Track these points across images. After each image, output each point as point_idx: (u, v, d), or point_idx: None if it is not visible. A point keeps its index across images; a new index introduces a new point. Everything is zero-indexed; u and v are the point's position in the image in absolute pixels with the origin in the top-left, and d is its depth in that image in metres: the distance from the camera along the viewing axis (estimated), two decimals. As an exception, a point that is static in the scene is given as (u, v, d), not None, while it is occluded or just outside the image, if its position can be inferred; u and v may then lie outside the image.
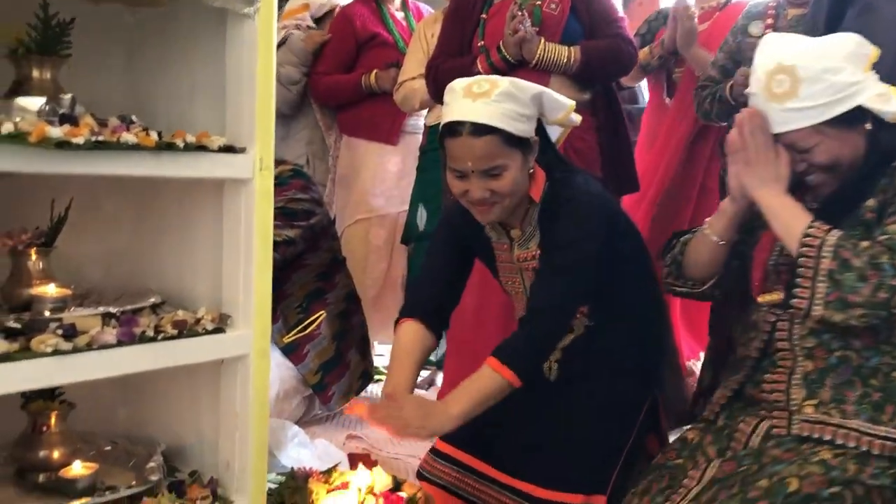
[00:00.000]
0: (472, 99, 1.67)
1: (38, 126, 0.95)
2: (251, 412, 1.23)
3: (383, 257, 3.05)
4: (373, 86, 2.94)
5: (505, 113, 1.65)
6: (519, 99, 1.68)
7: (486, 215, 1.78)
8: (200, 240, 1.31)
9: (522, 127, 1.70)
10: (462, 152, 1.69)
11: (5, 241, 1.17)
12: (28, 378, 0.99)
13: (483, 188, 1.71)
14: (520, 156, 1.72)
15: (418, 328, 1.86)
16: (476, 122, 1.66)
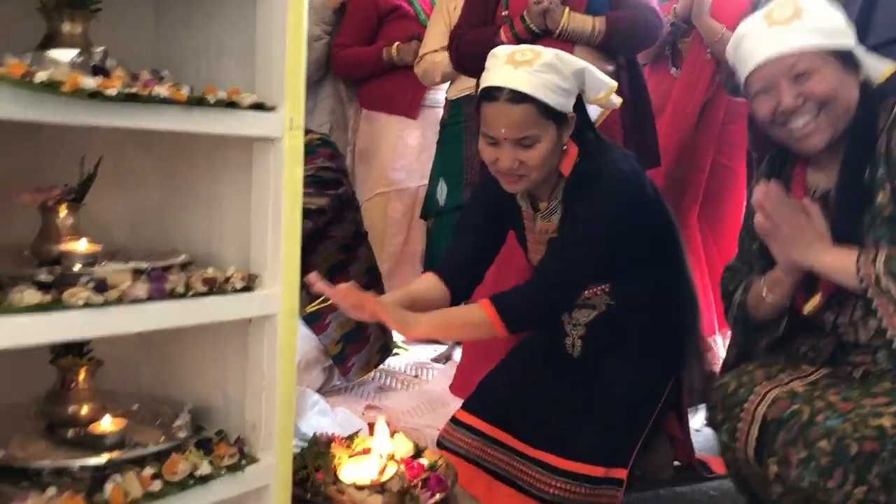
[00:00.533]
0: (514, 66, 1.67)
1: (71, 76, 0.94)
2: (279, 372, 1.23)
3: (400, 231, 3.05)
4: (394, 59, 2.92)
5: (545, 84, 1.64)
6: (561, 72, 1.67)
7: (513, 186, 1.77)
8: (228, 200, 1.30)
9: (560, 101, 1.68)
10: (497, 119, 1.68)
11: (35, 196, 1.17)
12: (60, 330, 0.99)
13: (513, 158, 1.70)
14: (554, 130, 1.71)
15: (432, 278, 1.87)
16: (515, 89, 1.65)
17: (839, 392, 1.42)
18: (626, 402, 1.91)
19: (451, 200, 2.70)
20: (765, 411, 1.46)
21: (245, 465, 1.21)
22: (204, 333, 1.32)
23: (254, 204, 1.25)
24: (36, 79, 0.92)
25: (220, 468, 1.18)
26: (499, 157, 1.71)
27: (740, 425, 1.51)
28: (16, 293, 0.98)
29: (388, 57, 2.93)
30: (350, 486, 1.54)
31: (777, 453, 1.39)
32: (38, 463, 1.11)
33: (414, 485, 1.56)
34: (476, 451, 1.98)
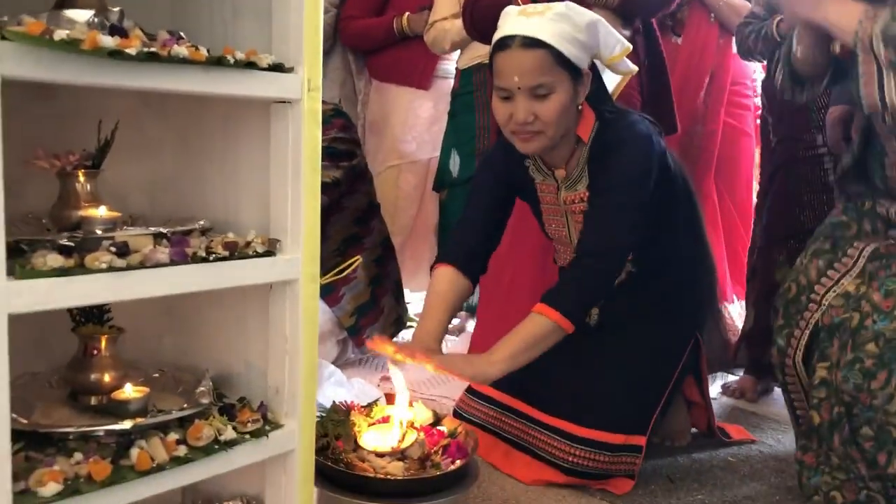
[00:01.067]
0: (527, 17, 1.65)
1: (90, 34, 0.92)
2: (301, 337, 1.22)
3: (412, 203, 3.03)
4: (405, 29, 2.89)
5: (558, 32, 1.62)
6: (574, 21, 1.65)
7: (527, 144, 1.73)
8: (246, 165, 1.29)
9: (574, 52, 1.65)
10: (510, 66, 1.66)
11: (53, 162, 1.16)
12: (84, 294, 0.98)
13: (528, 110, 1.67)
14: (569, 82, 1.68)
15: (453, 274, 1.85)
16: (527, 34, 1.63)
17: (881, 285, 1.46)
18: (644, 370, 1.91)
19: (464, 171, 2.68)
20: (818, 318, 1.50)
21: (269, 430, 1.20)
22: (224, 300, 1.31)
23: (272, 168, 1.23)
24: (55, 36, 0.90)
25: (244, 433, 1.18)
26: (513, 111, 1.68)
27: (797, 332, 1.54)
28: (38, 257, 0.97)
29: (398, 27, 2.90)
30: (370, 454, 1.54)
31: (828, 358, 1.44)
32: (63, 429, 1.10)
33: (434, 451, 1.56)
34: (493, 420, 1.98)
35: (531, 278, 2.37)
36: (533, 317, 1.69)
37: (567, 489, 1.80)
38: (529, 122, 1.68)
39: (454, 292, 1.85)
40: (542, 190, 1.92)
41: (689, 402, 2.14)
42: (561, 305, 1.66)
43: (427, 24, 2.81)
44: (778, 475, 1.92)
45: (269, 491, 1.28)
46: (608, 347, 1.93)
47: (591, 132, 1.78)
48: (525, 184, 1.93)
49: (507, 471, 1.87)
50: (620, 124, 1.77)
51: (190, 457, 1.11)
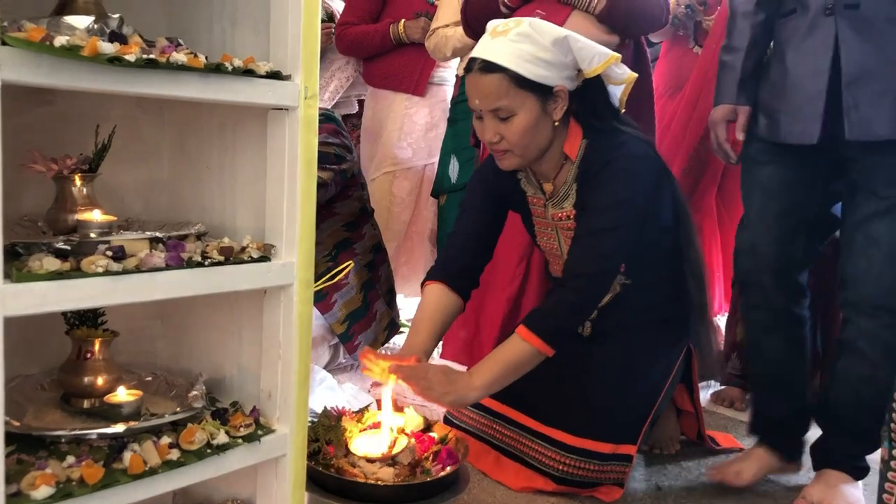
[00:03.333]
0: (492, 37, 1.66)
1: (90, 41, 0.93)
2: (295, 342, 1.23)
3: (406, 209, 3.03)
4: (401, 36, 2.90)
5: (518, 54, 1.61)
6: (536, 41, 1.63)
7: (502, 162, 1.75)
8: (242, 170, 1.30)
9: (539, 72, 1.63)
10: (472, 90, 1.68)
11: (50, 165, 1.16)
12: (80, 297, 0.99)
13: (494, 130, 1.68)
14: (534, 102, 1.66)
15: (443, 291, 1.85)
16: (485, 58, 1.63)
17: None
18: (635, 380, 1.92)
19: (462, 177, 2.69)
20: None
21: (261, 435, 1.21)
22: (218, 305, 1.32)
23: (269, 174, 1.24)
24: (56, 42, 0.91)
25: (236, 438, 1.18)
26: (483, 129, 1.70)
27: None
28: (35, 260, 0.98)
29: (395, 34, 2.91)
30: (361, 459, 1.55)
31: None
32: (55, 432, 1.11)
33: (425, 457, 1.57)
34: (484, 427, 1.98)
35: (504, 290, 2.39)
36: (515, 340, 1.68)
37: (556, 497, 1.81)
38: (496, 142, 1.69)
39: (443, 310, 1.84)
40: (533, 203, 1.92)
41: (679, 411, 2.15)
42: (543, 332, 1.65)
43: (423, 30, 2.82)
44: (767, 483, 1.93)
45: (260, 495, 1.29)
46: (600, 357, 1.94)
47: (578, 150, 1.77)
48: (516, 195, 1.94)
49: (497, 478, 1.88)
50: (611, 143, 1.75)
51: (182, 460, 1.11)
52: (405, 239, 3.07)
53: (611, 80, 1.79)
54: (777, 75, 1.72)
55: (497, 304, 2.41)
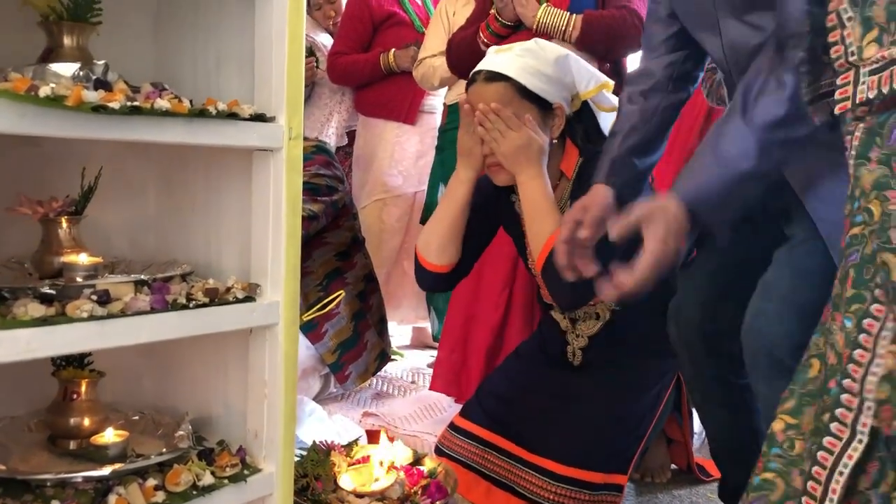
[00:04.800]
0: (496, 54, 1.70)
1: (74, 90, 0.94)
2: (280, 381, 1.23)
3: (395, 236, 3.05)
4: (391, 65, 2.93)
5: (522, 66, 1.66)
6: (540, 56, 1.69)
7: (497, 176, 1.76)
8: (228, 209, 1.31)
9: (540, 84, 1.68)
10: (475, 99, 1.70)
11: (37, 208, 1.17)
12: (65, 343, 0.99)
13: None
14: (536, 115, 1.70)
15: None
16: (491, 69, 1.67)
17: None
18: (626, 409, 1.92)
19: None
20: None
21: (248, 474, 1.21)
22: (204, 343, 1.32)
23: (254, 213, 1.25)
24: (40, 93, 0.92)
25: (222, 478, 1.18)
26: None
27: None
28: (19, 306, 0.98)
29: (385, 63, 2.94)
30: (350, 494, 1.55)
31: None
32: (41, 476, 1.11)
33: (414, 492, 1.57)
34: (474, 457, 1.98)
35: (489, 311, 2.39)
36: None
37: (547, 527, 1.80)
38: (492, 154, 1.71)
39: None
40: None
41: (669, 440, 2.15)
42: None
43: (413, 59, 2.85)
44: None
45: (247, 534, 1.28)
46: (590, 387, 1.94)
47: (574, 168, 1.80)
48: (510, 217, 1.95)
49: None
50: None
51: (168, 502, 1.11)
52: (395, 265, 3.08)
53: (601, 106, 1.82)
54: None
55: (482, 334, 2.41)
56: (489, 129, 1.65)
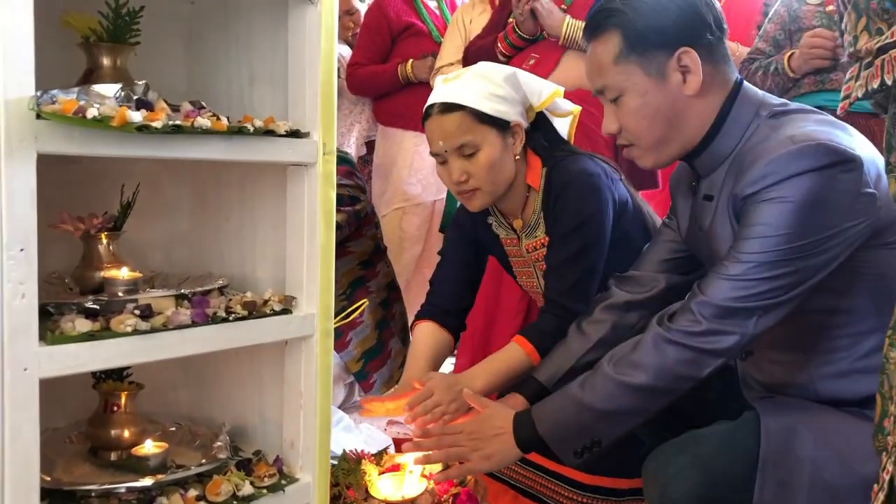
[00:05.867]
0: (446, 84, 1.72)
1: (119, 111, 0.97)
2: (316, 391, 1.25)
3: (416, 244, 3.07)
4: (409, 75, 2.95)
5: (475, 92, 1.68)
6: (489, 78, 1.70)
7: (471, 202, 1.78)
8: (262, 223, 1.33)
9: (496, 107, 1.70)
10: (434, 132, 1.72)
11: (78, 225, 1.20)
12: (111, 357, 1.02)
13: (460, 170, 1.71)
14: (496, 136, 1.71)
15: (433, 327, 1.87)
16: (444, 100, 1.69)
17: None
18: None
19: (472, 214, 2.72)
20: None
21: (285, 484, 1.23)
22: (240, 355, 1.35)
23: (289, 227, 1.27)
24: (88, 114, 0.95)
25: (261, 488, 1.21)
26: (449, 172, 1.74)
27: None
28: (67, 322, 1.01)
29: (403, 74, 2.96)
30: (382, 502, 1.56)
31: None
32: (86, 486, 1.13)
33: (444, 500, 1.58)
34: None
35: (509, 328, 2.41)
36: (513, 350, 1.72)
37: (575, 534, 1.81)
38: (464, 181, 1.72)
39: (435, 345, 1.86)
40: (508, 244, 1.95)
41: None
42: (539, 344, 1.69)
43: (430, 69, 2.88)
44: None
45: (284, 543, 1.30)
46: None
47: (540, 179, 1.81)
48: (492, 241, 1.97)
49: (516, 517, 1.88)
50: (568, 167, 1.79)
51: (209, 512, 1.13)
52: (416, 273, 3.10)
53: (556, 113, 1.84)
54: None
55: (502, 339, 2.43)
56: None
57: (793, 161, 1.11)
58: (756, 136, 1.21)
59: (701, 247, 1.36)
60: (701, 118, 1.25)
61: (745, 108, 1.24)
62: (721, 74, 1.25)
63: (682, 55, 1.21)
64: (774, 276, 1.13)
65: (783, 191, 1.11)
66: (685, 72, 1.22)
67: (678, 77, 1.22)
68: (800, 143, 1.12)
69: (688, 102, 1.23)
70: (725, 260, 1.17)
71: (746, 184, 1.15)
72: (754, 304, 1.14)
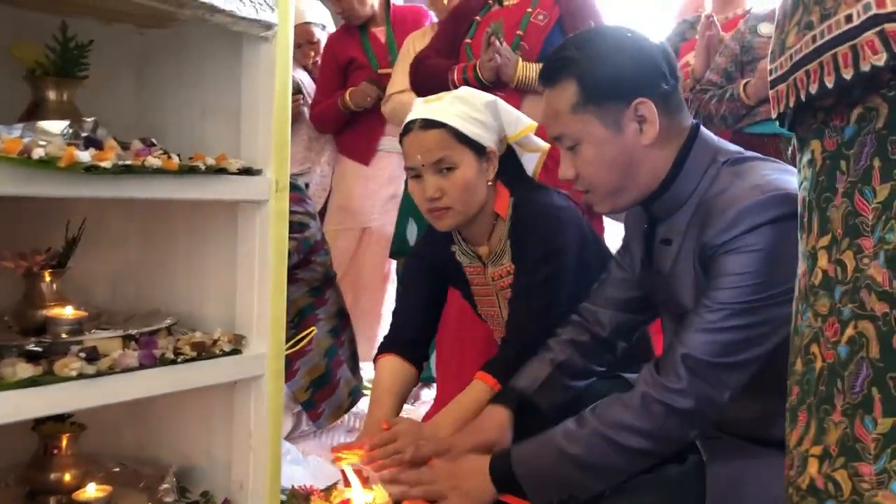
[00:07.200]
0: (428, 103, 1.75)
1: (67, 150, 0.94)
2: (265, 432, 1.23)
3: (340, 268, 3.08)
4: (348, 104, 2.99)
5: (457, 112, 1.72)
6: (470, 102, 1.75)
7: (441, 221, 1.79)
8: (211, 259, 1.31)
9: (475, 130, 1.74)
10: (413, 147, 1.74)
11: (20, 262, 1.16)
12: (54, 403, 0.99)
13: (435, 186, 1.73)
14: (472, 158, 1.75)
15: (395, 361, 1.87)
16: (426, 117, 1.72)
17: None
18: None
19: (421, 240, 2.73)
20: None
21: (233, 528, 1.20)
22: (187, 393, 1.31)
23: (239, 264, 1.26)
24: (33, 155, 0.92)
25: (208, 532, 1.18)
26: (423, 187, 1.75)
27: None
28: (7, 367, 0.97)
29: (343, 104, 3.00)
30: (332, 540, 1.54)
31: None
32: (23, 535, 1.09)
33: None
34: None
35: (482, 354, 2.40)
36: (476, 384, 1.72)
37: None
38: (438, 198, 1.74)
39: (401, 380, 1.86)
40: (471, 272, 1.96)
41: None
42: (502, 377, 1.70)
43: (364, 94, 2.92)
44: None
45: (231, 587, 1.27)
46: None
47: (508, 208, 1.84)
48: (453, 270, 1.98)
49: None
50: (535, 198, 1.83)
51: (154, 559, 1.10)
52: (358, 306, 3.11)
53: (527, 147, 1.88)
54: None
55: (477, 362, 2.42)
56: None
57: (762, 210, 1.14)
58: (718, 184, 1.23)
59: (658, 290, 1.38)
60: (657, 166, 1.27)
61: (703, 154, 1.27)
62: (677, 123, 1.28)
63: (638, 105, 1.23)
64: (750, 325, 1.14)
65: (753, 239, 1.14)
66: (641, 122, 1.24)
67: (634, 127, 1.24)
68: (768, 193, 1.15)
69: (644, 151, 1.25)
70: (700, 309, 1.18)
71: (716, 233, 1.17)
72: (733, 358, 1.16)
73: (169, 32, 1.34)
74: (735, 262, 1.15)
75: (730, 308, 1.15)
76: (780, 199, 1.15)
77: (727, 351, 1.16)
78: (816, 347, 0.80)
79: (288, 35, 1.25)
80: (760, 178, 1.20)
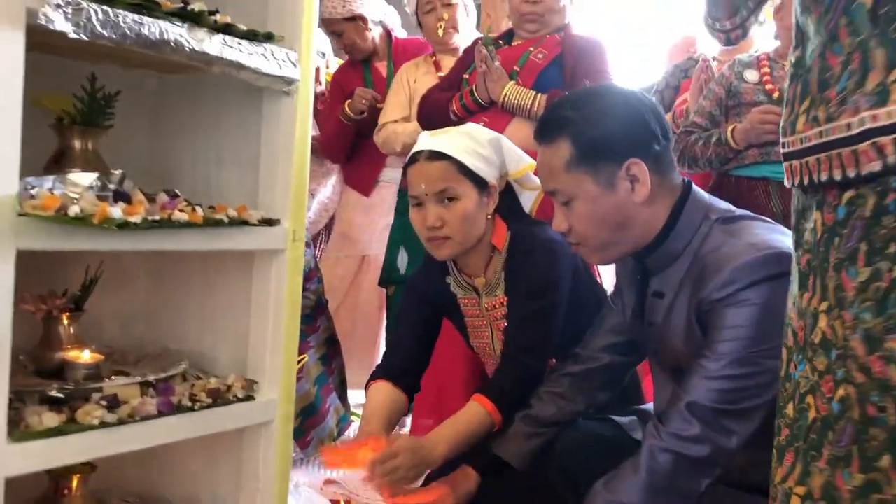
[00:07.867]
0: (434, 136, 1.82)
1: (100, 207, 0.97)
2: (274, 477, 1.26)
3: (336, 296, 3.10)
4: (348, 113, 3.00)
5: (461, 146, 1.78)
6: (475, 138, 1.82)
7: (439, 250, 1.84)
8: (223, 302, 1.33)
9: (478, 164, 1.80)
10: (418, 176, 1.80)
11: (40, 306, 1.18)
12: (76, 451, 1.01)
13: (436, 215, 1.79)
14: (474, 191, 1.81)
15: (389, 388, 1.91)
16: (432, 149, 1.78)
17: None
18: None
19: (411, 268, 2.74)
20: None
21: (241, 570, 1.22)
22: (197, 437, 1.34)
23: (253, 310, 1.28)
24: (70, 212, 0.95)
25: (216, 575, 1.20)
26: (424, 215, 1.80)
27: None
28: (32, 415, 0.99)
29: (344, 115, 3.01)
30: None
31: None
32: (37, 578, 1.10)
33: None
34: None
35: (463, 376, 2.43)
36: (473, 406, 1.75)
37: None
38: (438, 227, 1.79)
39: (391, 404, 1.89)
40: (465, 304, 2.01)
41: None
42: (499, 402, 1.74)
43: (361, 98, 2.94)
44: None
45: None
46: None
47: (505, 241, 1.89)
48: (448, 301, 2.02)
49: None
50: (531, 232, 1.89)
51: None
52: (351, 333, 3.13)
53: (526, 186, 1.94)
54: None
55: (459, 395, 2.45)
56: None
57: (758, 268, 1.20)
58: (711, 241, 1.29)
59: (649, 340, 1.44)
60: (649, 223, 1.32)
61: (695, 212, 1.33)
62: (668, 181, 1.33)
63: (630, 166, 1.28)
64: (750, 374, 1.20)
65: (750, 294, 1.20)
66: (634, 181, 1.29)
67: (627, 185, 1.29)
68: (763, 251, 1.21)
69: (636, 209, 1.31)
70: (702, 360, 1.24)
71: (714, 288, 1.23)
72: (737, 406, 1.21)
73: (187, 78, 1.37)
74: (734, 316, 1.21)
75: (730, 357, 1.21)
76: (774, 258, 1.21)
77: (730, 399, 1.21)
78: (812, 398, 0.87)
79: (309, 88, 1.28)
80: (754, 237, 1.26)
